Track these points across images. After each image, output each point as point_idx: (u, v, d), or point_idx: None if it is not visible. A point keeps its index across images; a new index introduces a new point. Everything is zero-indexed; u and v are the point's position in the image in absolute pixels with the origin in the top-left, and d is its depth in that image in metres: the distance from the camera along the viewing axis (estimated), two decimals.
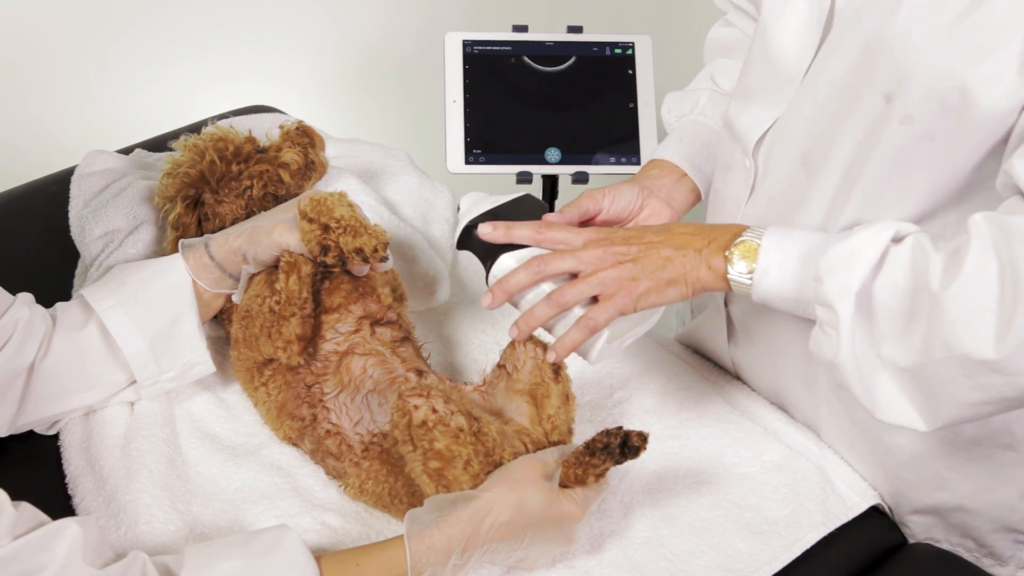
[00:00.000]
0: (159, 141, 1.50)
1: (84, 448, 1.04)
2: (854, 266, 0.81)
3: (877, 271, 0.81)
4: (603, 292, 0.91)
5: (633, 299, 0.91)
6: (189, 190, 1.13)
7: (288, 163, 1.16)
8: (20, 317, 1.00)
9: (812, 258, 0.85)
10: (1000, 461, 0.99)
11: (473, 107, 1.48)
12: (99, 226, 1.20)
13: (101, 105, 2.35)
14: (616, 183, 1.09)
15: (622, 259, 0.92)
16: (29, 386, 1.00)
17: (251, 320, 1.03)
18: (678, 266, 0.91)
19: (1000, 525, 1.02)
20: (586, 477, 0.91)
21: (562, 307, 0.92)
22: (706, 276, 0.91)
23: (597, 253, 0.92)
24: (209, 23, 2.36)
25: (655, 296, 0.91)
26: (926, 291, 0.78)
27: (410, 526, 0.87)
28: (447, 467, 0.89)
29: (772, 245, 0.88)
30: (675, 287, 0.91)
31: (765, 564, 0.97)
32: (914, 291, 0.79)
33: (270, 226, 1.04)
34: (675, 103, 1.21)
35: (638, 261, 0.91)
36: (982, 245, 0.76)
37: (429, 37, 1.79)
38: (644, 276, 0.91)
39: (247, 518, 0.99)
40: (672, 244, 0.92)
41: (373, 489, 0.98)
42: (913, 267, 0.80)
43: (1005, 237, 0.75)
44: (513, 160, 1.48)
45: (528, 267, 0.93)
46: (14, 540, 0.76)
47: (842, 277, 0.81)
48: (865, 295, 0.81)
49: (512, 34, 1.51)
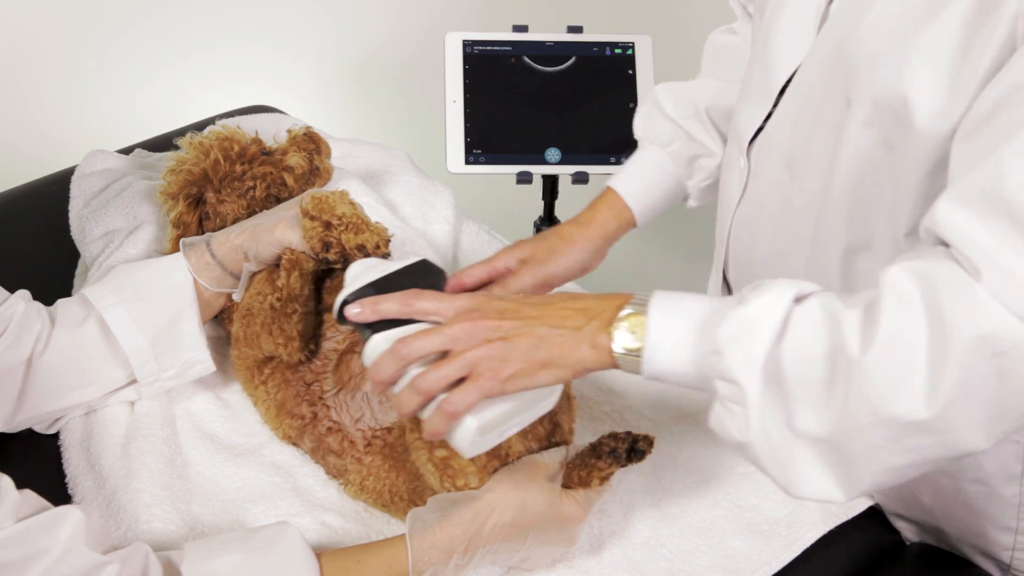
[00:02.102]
0: (159, 141, 1.50)
1: (84, 447, 1.04)
2: (756, 334, 0.73)
3: (781, 337, 0.73)
4: (471, 373, 0.81)
5: (500, 382, 0.80)
6: (192, 188, 1.13)
7: (293, 167, 1.16)
8: (15, 311, 1.00)
9: (709, 328, 0.76)
10: (970, 494, 0.98)
11: (473, 107, 1.48)
12: (99, 226, 1.20)
13: (101, 105, 2.35)
14: (565, 242, 1.07)
15: (492, 336, 0.81)
16: (27, 381, 1.01)
17: (252, 318, 1.03)
18: (554, 347, 0.80)
19: (979, 550, 1.02)
20: (590, 480, 0.91)
21: (425, 394, 0.81)
22: (588, 356, 0.80)
23: (466, 328, 0.81)
24: (209, 23, 2.36)
25: (526, 379, 0.81)
26: (842, 355, 0.71)
27: (412, 524, 0.87)
28: (454, 456, 0.89)
29: (661, 317, 0.78)
30: (549, 370, 0.81)
31: (765, 564, 0.97)
32: (828, 355, 0.72)
33: (272, 224, 1.04)
34: (652, 123, 1.17)
35: (510, 339, 0.81)
36: (900, 300, 0.70)
37: (429, 37, 1.79)
38: (515, 357, 0.80)
39: (247, 518, 0.99)
40: (549, 322, 0.82)
41: (374, 486, 0.98)
42: (823, 330, 0.73)
43: (927, 287, 0.69)
44: (513, 160, 1.48)
45: (392, 353, 0.82)
46: (17, 522, 0.76)
47: (745, 347, 0.73)
48: (773, 364, 0.73)
49: (512, 34, 1.51)
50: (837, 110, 0.87)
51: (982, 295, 0.66)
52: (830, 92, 0.88)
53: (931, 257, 0.71)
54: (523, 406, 0.84)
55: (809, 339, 0.73)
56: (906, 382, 0.69)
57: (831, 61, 0.88)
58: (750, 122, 1.00)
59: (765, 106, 0.98)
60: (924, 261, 0.71)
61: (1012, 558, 1.00)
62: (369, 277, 0.88)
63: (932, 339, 0.68)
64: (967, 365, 0.67)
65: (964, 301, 0.67)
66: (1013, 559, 1.00)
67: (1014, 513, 0.97)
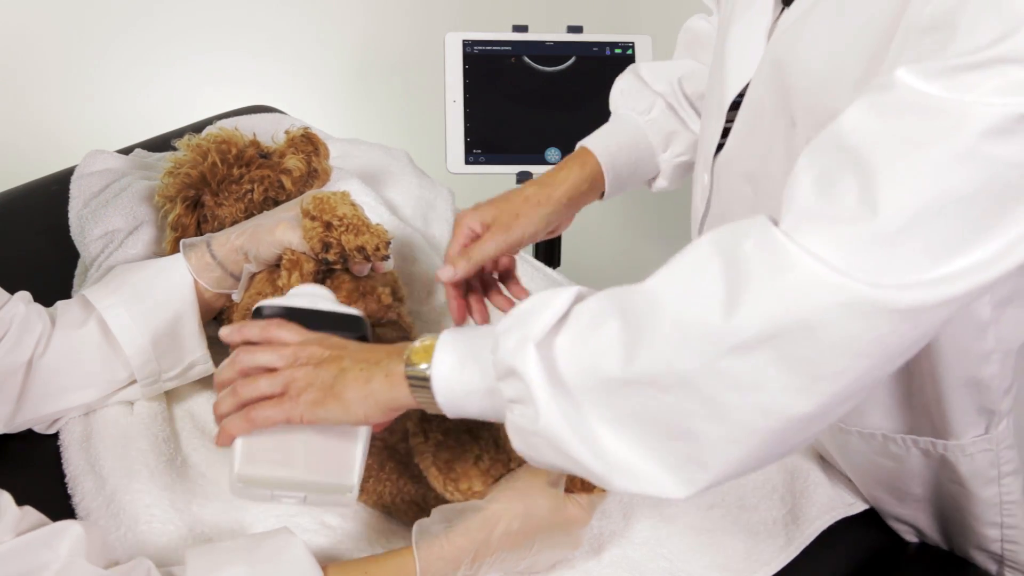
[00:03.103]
0: (159, 141, 1.50)
1: (84, 448, 1.04)
2: (535, 319, 0.71)
3: (560, 325, 0.71)
4: (284, 393, 0.81)
5: (298, 407, 0.80)
6: (189, 191, 1.13)
7: (291, 170, 1.16)
8: (16, 313, 1.00)
9: (489, 336, 0.75)
10: (953, 494, 0.99)
11: (473, 107, 1.48)
12: (99, 226, 1.20)
13: (101, 105, 2.35)
14: (531, 203, 1.02)
15: (308, 361, 0.82)
16: (27, 383, 1.01)
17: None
18: (349, 379, 0.80)
19: (972, 543, 1.02)
20: (593, 486, 0.91)
21: (239, 398, 0.81)
22: (381, 386, 0.79)
23: (294, 351, 0.82)
24: (209, 23, 2.36)
25: (320, 409, 0.80)
26: (632, 298, 0.70)
27: (419, 536, 0.86)
28: (457, 460, 0.89)
29: (450, 337, 0.78)
30: (337, 403, 0.79)
31: (764, 564, 0.97)
32: (615, 314, 0.70)
33: (272, 224, 1.04)
34: (632, 93, 1.14)
35: (321, 366, 0.81)
36: (693, 247, 0.69)
37: (429, 37, 1.80)
38: (317, 383, 0.80)
39: (247, 518, 0.98)
40: (358, 355, 0.82)
41: (374, 488, 0.98)
42: (606, 301, 0.71)
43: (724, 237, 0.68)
44: (513, 160, 1.49)
45: (232, 360, 0.84)
46: (17, 536, 0.76)
47: (520, 332, 0.71)
48: (546, 346, 0.71)
49: (512, 34, 1.51)
50: (784, 130, 0.86)
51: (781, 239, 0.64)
52: (777, 111, 0.87)
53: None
54: (313, 481, 0.83)
55: (590, 313, 0.71)
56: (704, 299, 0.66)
57: (774, 80, 0.86)
58: (711, 137, 0.99)
59: (720, 120, 0.96)
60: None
61: (1003, 549, 1.01)
62: (295, 303, 0.89)
63: (727, 269, 0.66)
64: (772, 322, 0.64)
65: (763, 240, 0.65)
66: (1004, 550, 1.01)
67: (997, 511, 0.98)
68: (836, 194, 0.64)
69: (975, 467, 0.95)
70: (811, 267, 0.63)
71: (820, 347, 0.63)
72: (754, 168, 0.93)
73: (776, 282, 0.64)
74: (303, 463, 0.83)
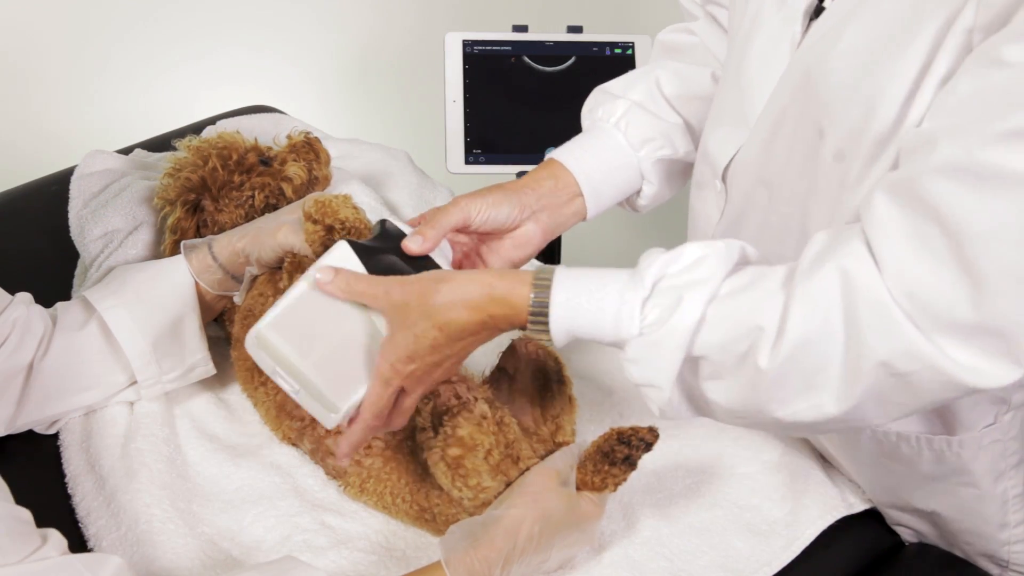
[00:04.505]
0: (159, 141, 1.50)
1: (84, 448, 1.04)
2: (664, 352, 0.78)
3: (693, 340, 0.77)
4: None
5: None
6: (189, 195, 1.13)
7: (291, 177, 1.16)
8: (18, 316, 1.00)
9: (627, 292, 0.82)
10: (962, 497, 0.99)
11: (473, 107, 1.48)
12: (99, 226, 1.20)
13: (102, 105, 2.35)
14: (494, 188, 0.99)
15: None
16: (28, 385, 1.00)
17: (253, 319, 1.03)
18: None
19: (977, 549, 1.02)
20: (605, 486, 0.92)
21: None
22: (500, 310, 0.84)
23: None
24: (210, 23, 2.36)
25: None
26: (751, 362, 0.76)
27: (447, 553, 0.85)
28: (467, 455, 0.89)
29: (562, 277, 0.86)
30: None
31: (765, 564, 0.97)
32: (740, 357, 0.76)
33: (274, 228, 1.04)
34: (595, 103, 1.11)
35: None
36: (816, 307, 0.73)
37: (429, 37, 1.79)
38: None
39: (247, 518, 0.99)
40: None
41: (374, 488, 0.98)
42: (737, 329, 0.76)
43: (848, 299, 0.72)
44: (513, 160, 1.48)
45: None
46: (62, 555, 0.75)
47: (655, 363, 0.78)
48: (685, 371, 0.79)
49: (512, 34, 1.51)
50: (810, 140, 0.86)
51: (896, 315, 0.70)
52: (802, 121, 0.87)
53: (847, 239, 0.74)
54: (314, 371, 0.86)
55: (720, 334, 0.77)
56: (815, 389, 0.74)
57: (802, 91, 0.86)
58: (724, 146, 0.98)
59: (742, 131, 0.95)
60: (841, 249, 0.74)
61: (1009, 552, 1.00)
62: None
63: (847, 354, 0.72)
64: (876, 380, 0.72)
65: (881, 320, 0.71)
66: (1011, 554, 1.00)
67: (1006, 508, 0.98)
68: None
69: (986, 461, 0.95)
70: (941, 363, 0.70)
71: (911, 398, 0.74)
72: (771, 175, 0.93)
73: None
74: (315, 362, 0.86)
